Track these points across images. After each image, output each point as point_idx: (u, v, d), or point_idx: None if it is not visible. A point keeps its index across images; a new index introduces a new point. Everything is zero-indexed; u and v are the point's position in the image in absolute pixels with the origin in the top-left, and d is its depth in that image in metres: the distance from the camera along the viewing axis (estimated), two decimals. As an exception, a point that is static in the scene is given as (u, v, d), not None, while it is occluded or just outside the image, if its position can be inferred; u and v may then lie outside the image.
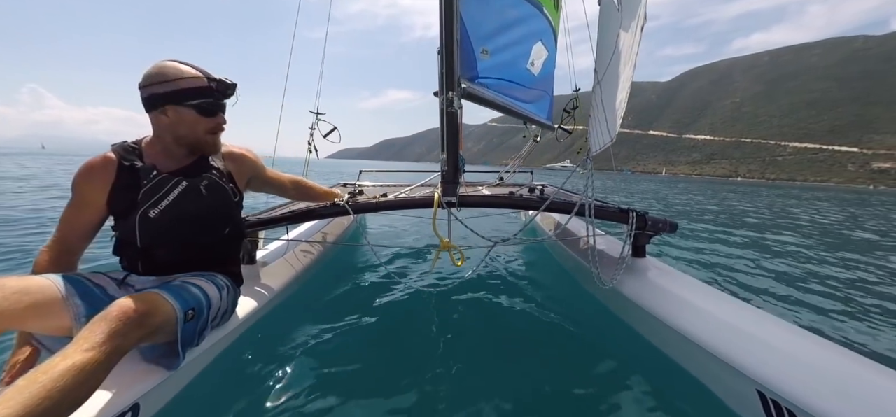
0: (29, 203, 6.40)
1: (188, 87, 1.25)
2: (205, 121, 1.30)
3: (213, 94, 1.29)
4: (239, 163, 1.53)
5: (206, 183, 1.34)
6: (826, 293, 3.19)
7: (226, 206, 1.41)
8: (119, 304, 0.96)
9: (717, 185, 43.87)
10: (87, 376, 0.82)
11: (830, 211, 12.67)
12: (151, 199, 1.24)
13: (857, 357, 1.23)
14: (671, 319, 1.59)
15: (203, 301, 1.24)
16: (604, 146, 1.84)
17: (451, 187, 1.99)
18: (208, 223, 1.37)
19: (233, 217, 1.46)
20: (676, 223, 2.06)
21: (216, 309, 1.31)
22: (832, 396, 1.07)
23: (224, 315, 1.40)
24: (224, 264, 1.48)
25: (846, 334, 2.34)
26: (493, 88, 2.16)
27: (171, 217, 1.26)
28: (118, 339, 0.90)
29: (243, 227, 1.58)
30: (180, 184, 1.28)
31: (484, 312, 2.39)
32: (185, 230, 1.30)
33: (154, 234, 1.25)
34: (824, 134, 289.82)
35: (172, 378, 1.20)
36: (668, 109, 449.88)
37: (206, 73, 1.29)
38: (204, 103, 1.28)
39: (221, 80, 1.31)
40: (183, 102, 1.25)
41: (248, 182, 1.59)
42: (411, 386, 1.55)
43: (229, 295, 1.42)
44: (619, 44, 1.90)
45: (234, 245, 1.55)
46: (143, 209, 1.23)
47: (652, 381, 1.61)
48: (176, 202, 1.27)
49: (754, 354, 1.28)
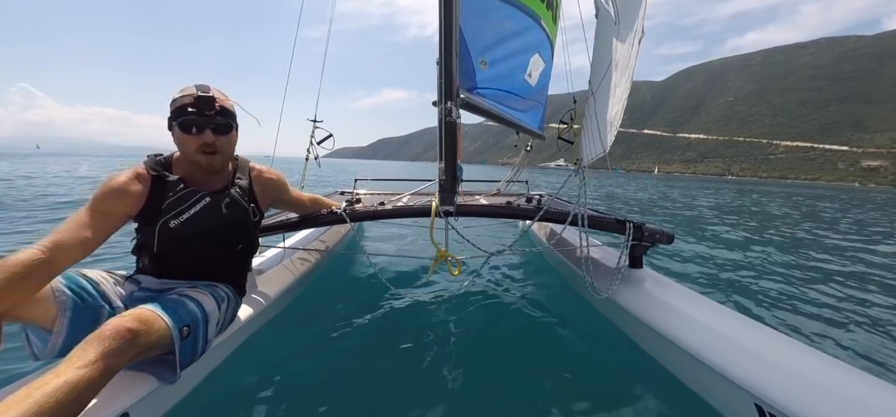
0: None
1: (176, 106, 1.27)
2: (189, 140, 1.28)
3: (188, 112, 1.27)
4: (266, 186, 1.58)
5: (228, 200, 1.39)
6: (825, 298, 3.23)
7: (244, 224, 1.45)
8: (113, 323, 0.96)
9: (717, 183, 44.28)
10: (79, 393, 0.84)
11: (827, 210, 12.81)
12: (174, 210, 1.28)
13: (857, 372, 1.23)
14: (668, 330, 1.60)
15: (199, 315, 1.23)
16: (596, 156, 1.85)
17: (449, 196, 1.99)
18: (224, 239, 1.41)
19: (249, 234, 1.50)
20: (673, 234, 2.07)
21: (214, 322, 1.31)
22: (831, 411, 1.06)
23: (221, 325, 1.41)
24: (232, 276, 1.51)
25: (841, 344, 2.36)
26: (491, 98, 2.17)
27: (189, 229, 1.30)
28: (111, 358, 0.92)
29: (257, 242, 1.60)
30: (204, 200, 1.33)
31: (481, 321, 2.39)
32: (199, 243, 1.34)
33: (171, 243, 1.28)
34: (816, 133, 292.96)
35: (164, 388, 1.19)
36: (662, 108, 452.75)
37: (199, 89, 1.29)
38: (183, 120, 1.26)
39: (200, 95, 1.28)
40: (174, 121, 1.28)
41: (271, 203, 1.65)
42: (408, 396, 1.55)
43: (229, 307, 1.43)
44: (615, 56, 1.91)
45: (246, 259, 1.59)
46: (164, 219, 1.27)
47: (649, 393, 1.61)
48: (197, 216, 1.31)
49: (752, 367, 1.28)
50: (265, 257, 2.34)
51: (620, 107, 1.92)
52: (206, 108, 1.29)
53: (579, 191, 1.86)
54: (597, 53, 1.97)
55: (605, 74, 1.92)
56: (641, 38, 1.85)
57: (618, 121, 1.92)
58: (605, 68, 1.92)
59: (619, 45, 1.92)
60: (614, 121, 1.92)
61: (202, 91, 1.29)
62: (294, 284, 2.19)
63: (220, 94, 1.33)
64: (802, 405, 1.11)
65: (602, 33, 1.99)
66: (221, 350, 1.47)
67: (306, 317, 2.20)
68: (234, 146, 1.42)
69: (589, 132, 1.93)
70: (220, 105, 1.31)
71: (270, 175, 1.61)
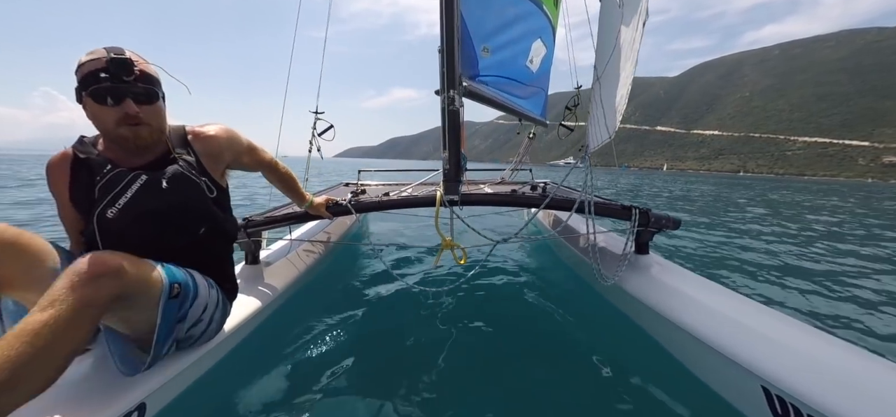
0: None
1: (85, 73, 1.06)
2: (106, 112, 1.08)
3: (101, 78, 1.06)
4: (209, 147, 1.31)
5: (170, 175, 1.17)
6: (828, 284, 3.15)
7: (197, 201, 1.24)
8: (92, 253, 0.88)
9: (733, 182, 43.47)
10: (50, 335, 0.76)
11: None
12: (108, 196, 1.11)
13: (863, 353, 1.23)
14: (674, 315, 1.59)
15: (190, 284, 1.12)
16: (602, 143, 1.84)
17: (454, 185, 1.98)
18: (177, 222, 1.20)
19: (210, 214, 1.27)
20: (680, 219, 2.05)
21: (203, 304, 1.19)
22: (838, 392, 1.06)
23: (210, 325, 1.28)
24: (211, 271, 1.31)
25: (851, 328, 2.31)
26: (493, 86, 2.16)
27: (131, 216, 1.12)
28: (85, 289, 0.82)
29: (231, 227, 1.39)
30: (139, 179, 1.13)
31: (487, 309, 2.40)
32: (147, 231, 1.14)
33: (115, 237, 1.10)
34: (835, 128, 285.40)
35: (179, 377, 1.22)
36: (675, 104, 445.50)
37: (112, 51, 1.08)
38: (96, 89, 1.06)
39: (111, 56, 1.07)
40: (85, 91, 1.07)
41: (227, 166, 1.39)
42: (415, 384, 1.56)
43: (217, 307, 1.29)
44: (620, 40, 1.89)
45: (221, 247, 1.36)
46: (100, 208, 1.10)
47: (656, 377, 1.60)
48: (135, 199, 1.12)
49: (759, 350, 1.28)
50: (272, 249, 2.37)
51: (625, 91, 1.90)
52: (124, 74, 1.08)
53: (586, 177, 1.85)
54: (601, 38, 1.96)
55: (610, 58, 1.90)
56: (646, 20, 1.83)
57: (623, 106, 1.90)
58: (609, 53, 1.91)
59: (624, 29, 1.90)
60: (620, 106, 1.90)
61: (116, 53, 1.08)
62: (300, 275, 2.22)
63: (137, 57, 1.12)
64: (809, 386, 1.10)
65: (606, 17, 1.97)
66: (231, 338, 1.48)
67: (312, 307, 2.22)
68: (164, 118, 1.21)
69: (595, 118, 1.92)
70: (139, 70, 1.10)
71: (210, 131, 1.33)
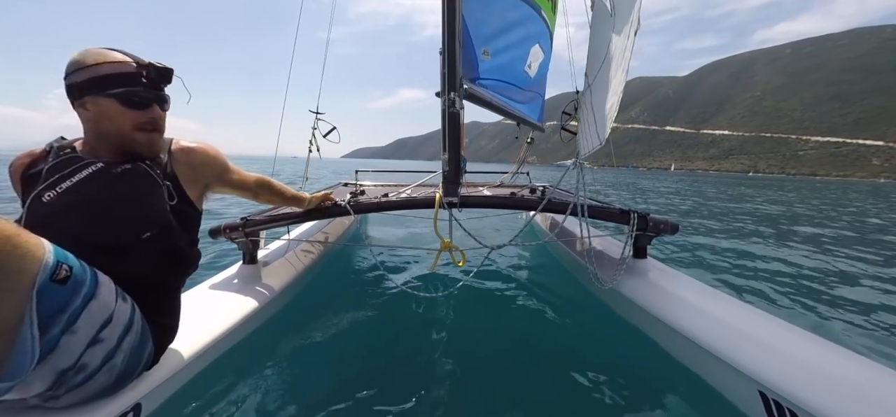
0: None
1: (109, 73, 1.02)
2: (131, 115, 1.05)
3: (140, 82, 1.05)
4: (189, 158, 1.21)
5: (128, 166, 1.07)
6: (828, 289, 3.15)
7: (149, 203, 1.08)
8: None
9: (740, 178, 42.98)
10: None
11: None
12: (51, 178, 1.00)
13: (860, 358, 1.23)
14: (673, 320, 1.60)
15: (87, 277, 0.87)
16: (593, 149, 1.87)
17: (453, 187, 1.98)
18: (117, 214, 1.03)
19: (161, 219, 1.09)
20: (678, 224, 2.06)
21: (104, 317, 0.90)
22: (834, 397, 1.07)
23: (115, 356, 0.95)
24: (143, 293, 1.05)
25: (847, 333, 2.32)
26: (493, 89, 2.19)
27: (67, 202, 0.98)
28: None
29: (186, 248, 1.19)
30: (92, 166, 1.04)
31: (485, 311, 2.43)
32: (74, 220, 0.98)
33: (39, 223, 0.93)
34: (848, 127, 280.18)
35: (174, 377, 1.22)
36: (685, 104, 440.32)
37: (135, 59, 1.07)
38: (129, 92, 1.04)
39: (151, 64, 1.07)
40: (104, 91, 1.02)
41: (205, 187, 1.28)
42: (412, 386, 1.56)
43: (131, 334, 0.98)
44: (611, 48, 1.92)
45: (166, 269, 1.13)
46: (38, 189, 0.99)
47: (653, 382, 1.62)
48: (79, 185, 1.00)
49: (756, 355, 1.28)
50: (269, 249, 2.39)
51: (616, 99, 1.93)
52: (165, 82, 1.09)
53: (577, 183, 1.89)
54: (592, 46, 1.99)
55: (601, 67, 1.93)
56: (637, 29, 1.86)
57: (614, 114, 1.93)
58: (600, 61, 1.94)
59: (615, 38, 1.93)
60: (610, 114, 1.93)
61: (148, 62, 1.08)
62: (298, 275, 2.24)
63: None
64: (806, 391, 1.11)
65: (597, 26, 2.01)
66: (227, 338, 1.49)
67: (311, 309, 2.24)
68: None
69: (586, 125, 1.95)
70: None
71: (199, 153, 1.23)
